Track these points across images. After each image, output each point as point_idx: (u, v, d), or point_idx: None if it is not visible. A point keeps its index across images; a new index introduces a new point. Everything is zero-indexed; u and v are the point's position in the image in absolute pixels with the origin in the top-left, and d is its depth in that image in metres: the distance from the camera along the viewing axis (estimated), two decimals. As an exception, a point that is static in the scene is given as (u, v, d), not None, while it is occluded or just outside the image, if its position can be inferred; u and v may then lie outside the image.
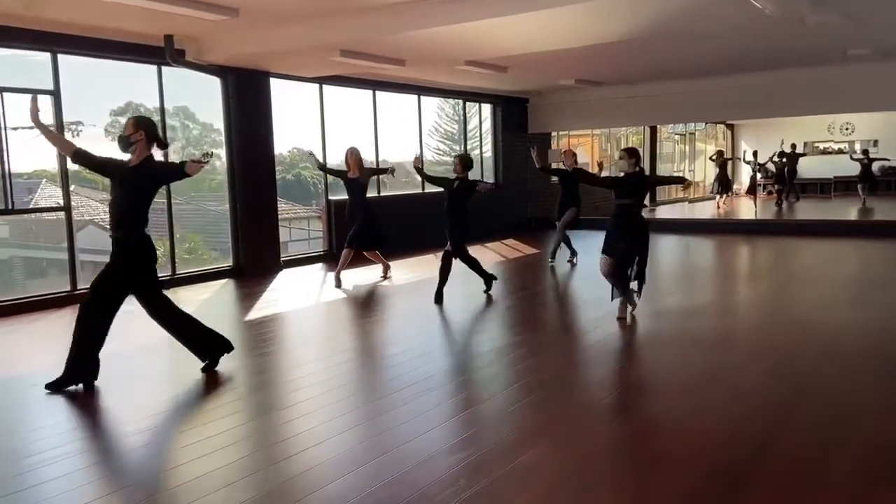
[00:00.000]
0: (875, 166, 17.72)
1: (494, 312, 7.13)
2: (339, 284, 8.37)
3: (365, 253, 8.75)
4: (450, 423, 3.91)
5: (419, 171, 7.85)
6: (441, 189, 7.47)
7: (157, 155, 4.91)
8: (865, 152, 17.79)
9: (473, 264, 7.55)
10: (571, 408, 4.26)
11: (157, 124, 4.97)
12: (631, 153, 6.19)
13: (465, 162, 7.37)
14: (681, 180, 6.73)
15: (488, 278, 7.62)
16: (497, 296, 7.64)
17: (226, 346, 5.02)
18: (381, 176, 10.11)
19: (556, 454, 3.51)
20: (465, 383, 4.75)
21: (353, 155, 8.51)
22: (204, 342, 4.94)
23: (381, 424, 3.91)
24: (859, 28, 8.19)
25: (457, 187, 7.28)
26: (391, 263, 9.16)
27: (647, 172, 6.38)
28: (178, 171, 4.74)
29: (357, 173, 8.48)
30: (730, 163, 17.14)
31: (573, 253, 9.71)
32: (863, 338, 5.61)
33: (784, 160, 18.13)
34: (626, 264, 6.11)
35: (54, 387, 4.57)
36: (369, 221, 8.54)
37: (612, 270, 6.06)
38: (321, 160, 8.67)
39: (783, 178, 18.34)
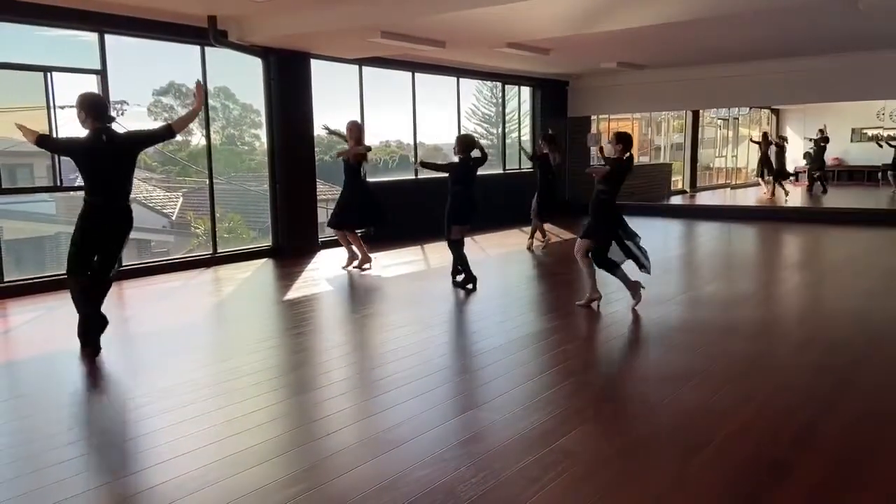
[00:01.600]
0: None
1: (529, 298, 7.09)
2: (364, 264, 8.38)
3: (347, 233, 8.43)
4: (486, 407, 3.92)
5: (424, 164, 7.49)
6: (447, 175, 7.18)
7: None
8: (893, 137, 17.20)
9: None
10: (608, 393, 4.23)
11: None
12: (619, 138, 5.94)
13: (461, 143, 7.06)
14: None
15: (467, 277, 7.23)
16: (531, 282, 7.60)
17: (103, 327, 5.03)
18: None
19: (594, 440, 3.49)
20: (500, 368, 4.73)
21: (351, 129, 8.20)
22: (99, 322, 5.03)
23: (416, 407, 3.92)
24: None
25: (472, 165, 7.03)
26: (425, 245, 9.14)
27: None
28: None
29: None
30: (773, 147, 16.65)
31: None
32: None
33: (813, 147, 17.68)
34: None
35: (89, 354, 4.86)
36: (369, 199, 8.34)
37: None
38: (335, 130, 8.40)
39: (816, 164, 17.85)
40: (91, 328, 4.95)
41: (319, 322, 6.25)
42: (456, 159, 7.12)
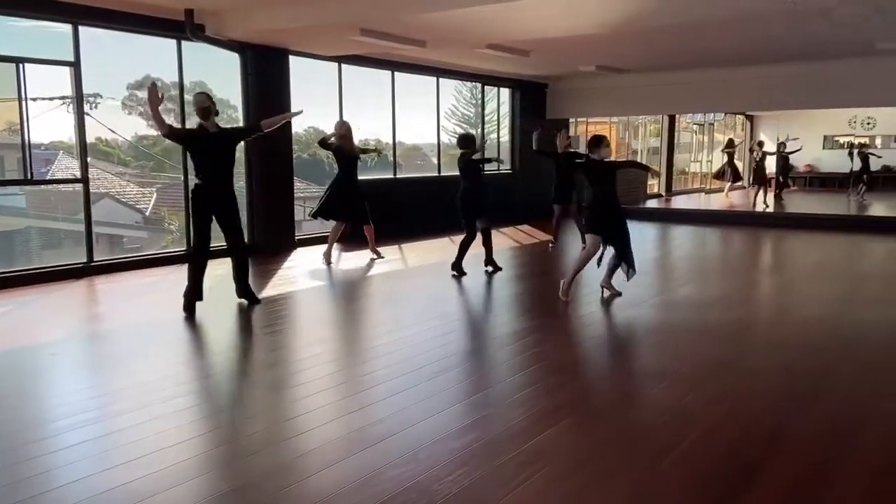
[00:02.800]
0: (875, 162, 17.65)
1: (509, 297, 7.11)
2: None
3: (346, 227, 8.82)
4: (462, 405, 3.92)
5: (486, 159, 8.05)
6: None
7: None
8: (863, 146, 17.58)
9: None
10: (584, 394, 4.25)
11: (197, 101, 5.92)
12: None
13: (462, 141, 7.71)
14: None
15: (494, 263, 7.93)
16: (511, 282, 7.63)
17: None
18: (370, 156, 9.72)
19: (568, 440, 3.50)
20: (479, 366, 4.75)
21: (344, 128, 8.50)
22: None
23: (392, 405, 3.92)
24: (889, 20, 8.04)
25: (471, 164, 7.62)
26: (404, 245, 9.15)
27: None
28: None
29: (343, 144, 8.48)
30: (737, 152, 17.00)
31: (556, 239, 9.93)
32: (882, 337, 5.55)
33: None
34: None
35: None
36: (359, 195, 8.64)
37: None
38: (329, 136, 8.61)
39: (782, 172, 17.98)
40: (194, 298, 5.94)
41: (295, 320, 6.20)
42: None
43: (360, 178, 8.92)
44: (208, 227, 5.99)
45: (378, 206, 10.21)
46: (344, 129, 8.52)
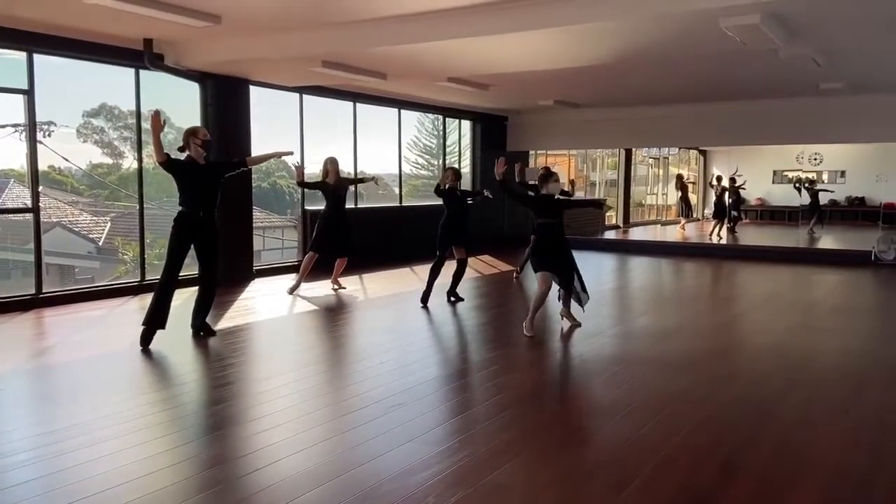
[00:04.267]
0: (825, 197, 18.34)
1: (469, 328, 7.13)
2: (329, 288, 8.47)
3: (338, 260, 8.91)
4: (421, 439, 3.89)
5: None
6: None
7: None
8: (812, 182, 18.27)
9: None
10: (543, 426, 4.26)
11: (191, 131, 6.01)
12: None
13: (456, 173, 8.16)
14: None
15: (457, 294, 8.11)
16: (472, 312, 7.65)
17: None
18: (359, 187, 10.25)
19: (526, 473, 3.50)
20: (439, 398, 4.73)
21: (334, 164, 8.68)
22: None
23: (351, 439, 3.88)
24: (832, 62, 8.42)
25: (461, 195, 8.02)
26: (364, 275, 9.15)
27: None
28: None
29: (336, 182, 8.65)
30: (691, 186, 17.53)
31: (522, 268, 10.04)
32: (826, 365, 5.71)
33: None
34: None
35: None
36: (350, 228, 8.82)
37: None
38: (303, 175, 8.67)
39: (734, 206, 18.35)
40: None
41: (251, 352, 6.10)
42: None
43: (316, 209, 9.04)
44: (184, 257, 5.98)
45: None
46: (332, 166, 8.66)
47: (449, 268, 7.94)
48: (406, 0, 6.16)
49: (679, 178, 19.26)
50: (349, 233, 8.82)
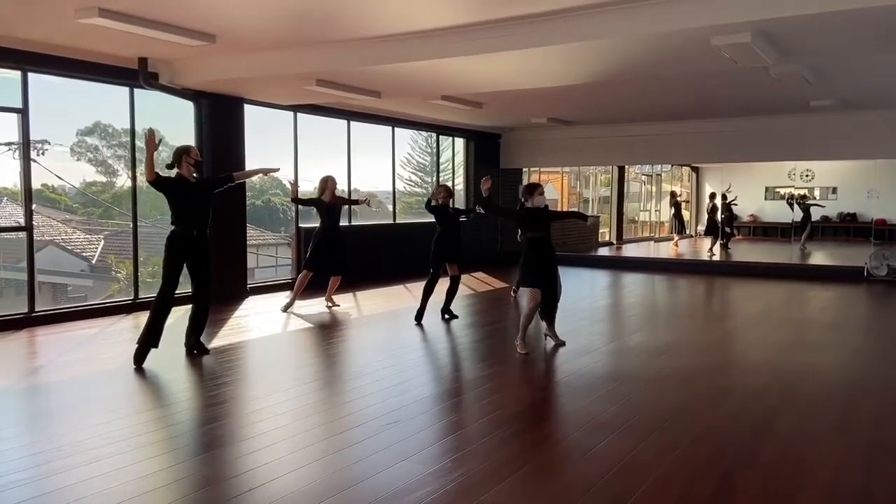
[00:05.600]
0: (816, 212, 18.44)
1: (464, 346, 7.11)
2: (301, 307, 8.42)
3: (332, 278, 8.88)
4: (415, 458, 3.86)
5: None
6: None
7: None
8: (804, 197, 18.37)
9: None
10: (537, 444, 4.25)
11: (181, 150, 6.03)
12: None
13: (448, 190, 8.14)
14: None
15: (451, 312, 8.13)
16: (466, 329, 7.64)
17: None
18: (353, 206, 10.25)
19: (523, 491, 3.48)
20: (433, 417, 4.71)
21: (333, 182, 8.69)
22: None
23: (346, 457, 3.85)
24: (822, 80, 8.52)
25: (453, 212, 8.07)
26: (359, 292, 9.14)
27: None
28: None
29: (332, 200, 8.64)
30: (684, 204, 17.63)
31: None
32: (822, 382, 5.72)
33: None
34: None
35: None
36: (345, 247, 8.78)
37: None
38: (297, 191, 8.74)
39: (727, 222, 18.39)
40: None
41: (245, 371, 6.06)
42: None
43: (309, 226, 9.03)
44: (179, 274, 5.99)
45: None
46: (330, 184, 8.66)
47: (442, 285, 7.94)
48: (400, 19, 6.21)
49: (672, 195, 19.38)
50: (344, 251, 8.80)
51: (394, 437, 4.17)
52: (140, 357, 5.78)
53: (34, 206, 7.69)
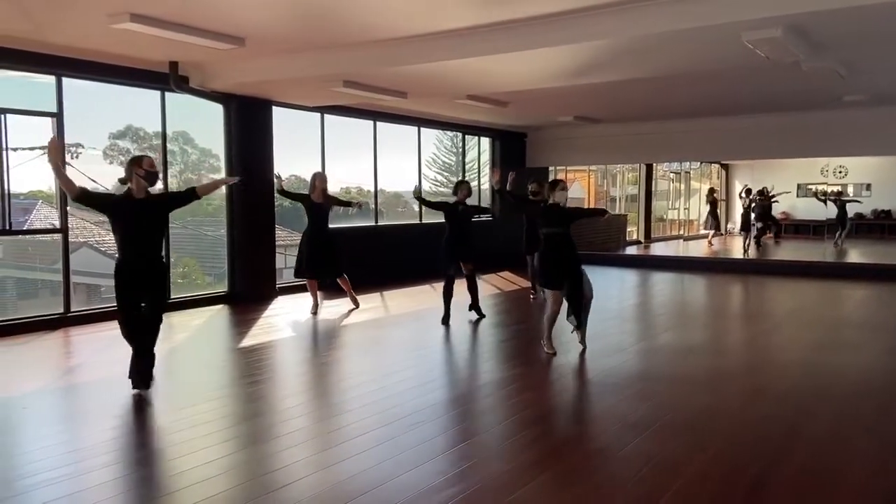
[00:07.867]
0: (850, 208, 18.00)
1: (489, 346, 7.10)
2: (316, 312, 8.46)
3: (338, 281, 8.65)
4: (442, 458, 3.87)
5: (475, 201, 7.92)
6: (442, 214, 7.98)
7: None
8: (839, 194, 17.94)
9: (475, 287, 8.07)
10: (565, 445, 4.23)
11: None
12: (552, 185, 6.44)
13: (468, 188, 7.98)
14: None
15: (479, 310, 8.06)
16: (492, 329, 7.63)
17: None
18: (344, 208, 9.54)
19: (549, 492, 3.47)
20: (459, 417, 4.71)
21: (322, 180, 8.42)
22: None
23: (373, 457, 3.87)
24: (854, 75, 8.34)
25: (462, 210, 7.84)
26: (385, 292, 9.15)
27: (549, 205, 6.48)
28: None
29: (321, 199, 8.36)
30: (721, 202, 17.32)
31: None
32: (856, 383, 5.60)
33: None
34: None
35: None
36: (334, 249, 8.46)
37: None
38: (282, 184, 8.57)
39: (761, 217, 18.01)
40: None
41: (276, 370, 6.13)
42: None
43: (340, 227, 8.87)
44: (138, 304, 5.07)
45: (359, 254, 10.26)
46: (320, 182, 8.37)
47: (461, 286, 7.89)
48: (425, 20, 6.22)
49: (711, 191, 19.04)
50: (333, 253, 8.41)
51: (421, 436, 4.18)
52: (144, 381, 5.07)
53: (69, 207, 7.85)
